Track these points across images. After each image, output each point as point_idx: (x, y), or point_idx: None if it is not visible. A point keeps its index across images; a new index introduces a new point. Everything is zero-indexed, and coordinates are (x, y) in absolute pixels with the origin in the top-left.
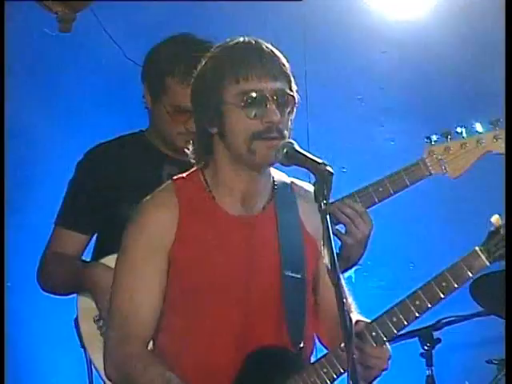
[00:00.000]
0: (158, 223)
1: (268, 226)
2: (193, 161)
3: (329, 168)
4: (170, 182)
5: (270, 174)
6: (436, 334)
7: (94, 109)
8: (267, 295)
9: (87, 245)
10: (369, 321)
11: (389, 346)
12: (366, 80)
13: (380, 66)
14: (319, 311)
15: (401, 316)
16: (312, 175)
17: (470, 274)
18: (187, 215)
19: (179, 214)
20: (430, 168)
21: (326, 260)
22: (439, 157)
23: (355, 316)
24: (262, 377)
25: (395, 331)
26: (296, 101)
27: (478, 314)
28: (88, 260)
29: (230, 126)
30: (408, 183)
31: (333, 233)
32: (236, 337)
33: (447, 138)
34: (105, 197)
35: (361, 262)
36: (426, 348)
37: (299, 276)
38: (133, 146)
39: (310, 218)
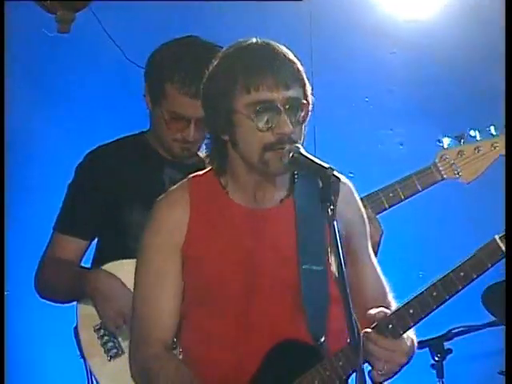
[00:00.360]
0: (170, 221)
1: (285, 218)
2: (208, 164)
3: (336, 173)
4: (185, 179)
5: None
6: (447, 345)
7: (94, 110)
8: (283, 290)
9: (87, 250)
10: (388, 312)
11: (409, 341)
12: (374, 81)
13: (389, 67)
14: (357, 296)
15: (418, 308)
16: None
17: (489, 265)
18: (199, 211)
19: (190, 211)
20: (443, 172)
21: (334, 268)
22: (452, 161)
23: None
24: (280, 372)
25: (411, 323)
26: (310, 107)
27: (490, 324)
28: (87, 267)
29: (241, 136)
30: (420, 188)
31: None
32: (253, 333)
33: (460, 141)
34: (105, 201)
35: None
36: (436, 359)
37: (320, 268)
38: (133, 149)
39: (341, 211)
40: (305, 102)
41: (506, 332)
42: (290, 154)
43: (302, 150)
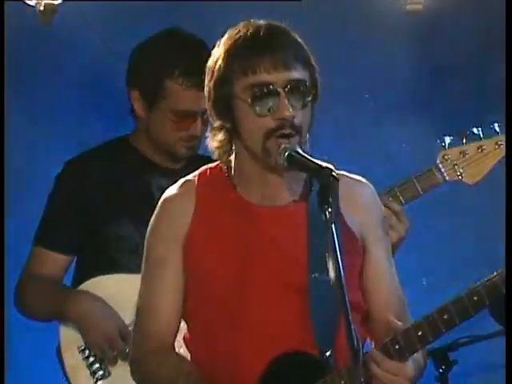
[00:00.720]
0: (173, 213)
1: (295, 221)
2: (215, 157)
3: (334, 173)
4: (196, 172)
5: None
6: (452, 355)
7: (76, 108)
8: (289, 295)
9: (69, 265)
10: (401, 326)
11: (416, 365)
12: (375, 76)
13: (390, 61)
14: (371, 300)
15: (427, 330)
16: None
17: (503, 291)
18: (204, 205)
19: (195, 204)
20: (445, 174)
21: (331, 274)
22: (454, 161)
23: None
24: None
25: (419, 346)
26: (317, 91)
27: (497, 334)
28: (69, 286)
29: (242, 123)
30: (420, 191)
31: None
32: (253, 338)
33: (462, 140)
34: (88, 212)
35: None
36: (441, 371)
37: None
38: (117, 155)
39: (352, 211)
40: (308, 83)
41: (506, 336)
42: (286, 153)
43: (299, 149)
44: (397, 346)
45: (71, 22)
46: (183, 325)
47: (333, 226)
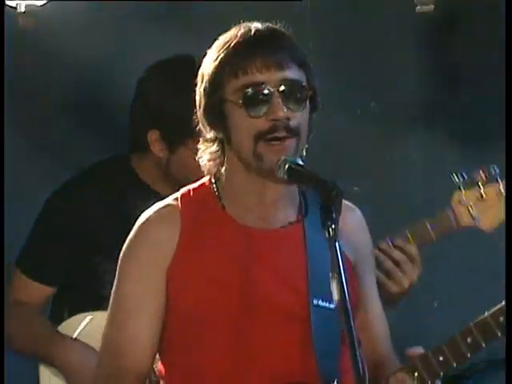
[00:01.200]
0: (156, 239)
1: (294, 244)
2: (203, 172)
3: (337, 188)
4: (176, 194)
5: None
6: None
7: (65, 122)
8: (289, 323)
9: (52, 294)
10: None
11: None
12: (382, 83)
13: (399, 67)
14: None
15: (449, 355)
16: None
17: None
18: (190, 229)
19: (181, 228)
20: (459, 219)
21: (335, 296)
22: (470, 204)
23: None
24: None
25: (440, 372)
26: (315, 92)
27: None
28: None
29: (233, 127)
30: (434, 238)
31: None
32: (252, 370)
33: (479, 180)
34: (78, 243)
35: None
36: None
37: (331, 306)
38: (116, 181)
39: (345, 235)
40: (304, 84)
41: (506, 336)
42: (286, 165)
43: (300, 161)
44: (416, 373)
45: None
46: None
47: (337, 243)
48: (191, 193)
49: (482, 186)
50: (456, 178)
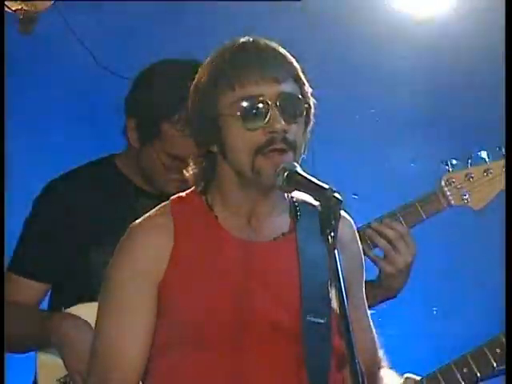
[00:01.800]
0: (149, 250)
1: (287, 256)
2: (192, 184)
3: (337, 194)
4: (166, 202)
5: (285, 195)
6: None
7: (62, 124)
8: (283, 343)
9: (45, 293)
10: (418, 379)
11: None
12: (381, 91)
13: (398, 74)
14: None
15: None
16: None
17: None
18: (184, 239)
19: (174, 239)
20: (450, 199)
21: (334, 304)
22: (459, 185)
23: (387, 373)
24: None
25: None
26: (310, 106)
27: None
28: (48, 311)
29: (229, 141)
30: (424, 217)
31: (369, 258)
32: None
33: (468, 162)
34: (67, 239)
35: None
36: None
37: (323, 321)
38: (103, 180)
39: (344, 248)
40: (300, 98)
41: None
42: (285, 173)
43: (299, 169)
44: None
45: (57, 32)
46: None
47: (336, 251)
48: (181, 201)
49: (469, 166)
50: (444, 163)
